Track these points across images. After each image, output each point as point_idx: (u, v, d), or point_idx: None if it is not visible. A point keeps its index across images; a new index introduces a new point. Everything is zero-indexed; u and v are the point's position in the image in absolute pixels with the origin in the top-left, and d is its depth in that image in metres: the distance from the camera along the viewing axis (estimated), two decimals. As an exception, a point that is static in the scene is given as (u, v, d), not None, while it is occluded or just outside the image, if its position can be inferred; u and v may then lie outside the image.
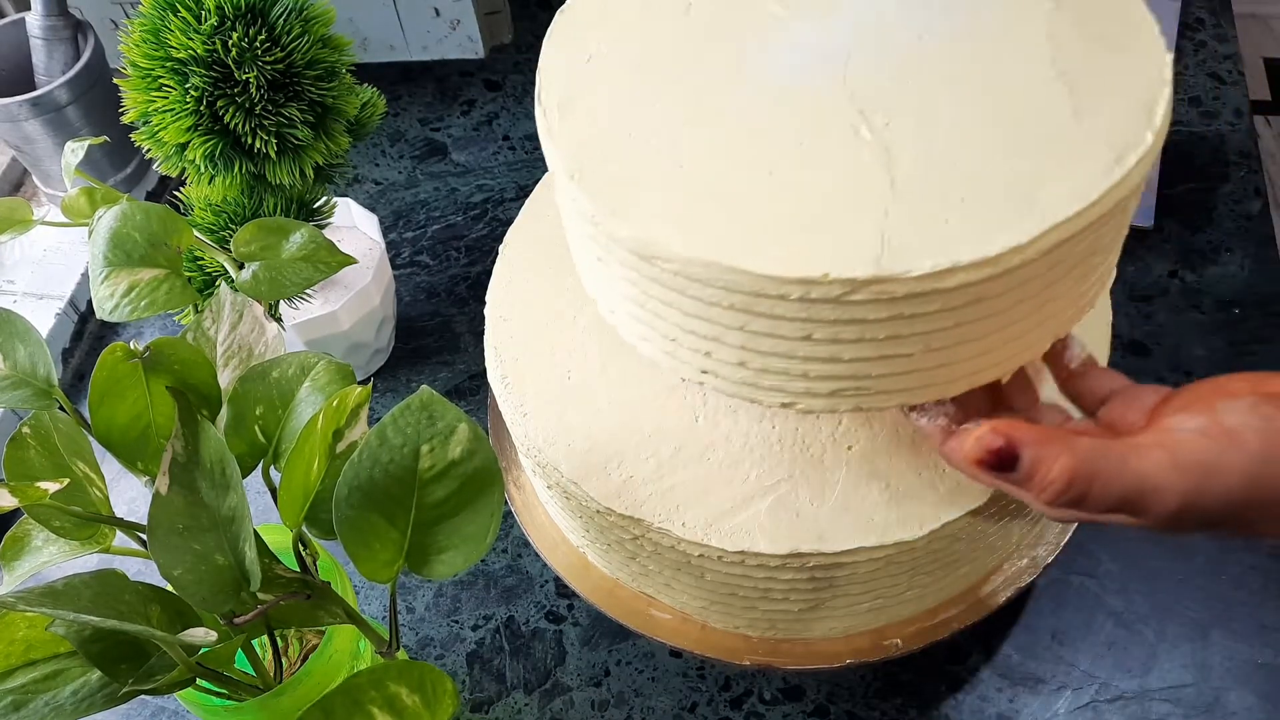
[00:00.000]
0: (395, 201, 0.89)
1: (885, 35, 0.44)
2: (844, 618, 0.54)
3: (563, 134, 0.43)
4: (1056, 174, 0.38)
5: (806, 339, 0.39)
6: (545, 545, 0.61)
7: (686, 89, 0.43)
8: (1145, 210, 0.79)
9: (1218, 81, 0.88)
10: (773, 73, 0.43)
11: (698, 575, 0.52)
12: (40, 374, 0.47)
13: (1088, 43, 0.42)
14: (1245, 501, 0.34)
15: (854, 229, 0.37)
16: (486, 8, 0.97)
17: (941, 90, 0.41)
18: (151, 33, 0.59)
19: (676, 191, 0.40)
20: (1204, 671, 0.60)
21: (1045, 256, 0.38)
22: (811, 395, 0.42)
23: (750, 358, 0.41)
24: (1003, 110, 0.41)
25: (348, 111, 0.65)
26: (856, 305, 0.37)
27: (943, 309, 0.38)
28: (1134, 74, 0.41)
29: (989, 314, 0.39)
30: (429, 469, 0.42)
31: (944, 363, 0.40)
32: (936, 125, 0.40)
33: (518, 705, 0.62)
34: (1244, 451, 0.34)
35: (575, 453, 0.52)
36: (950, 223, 0.37)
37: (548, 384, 0.55)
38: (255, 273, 0.54)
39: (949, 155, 0.39)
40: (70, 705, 0.39)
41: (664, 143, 0.41)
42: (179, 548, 0.39)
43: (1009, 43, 0.43)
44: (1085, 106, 0.40)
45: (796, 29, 0.44)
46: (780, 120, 0.41)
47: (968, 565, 0.54)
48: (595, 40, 0.46)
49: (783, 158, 0.40)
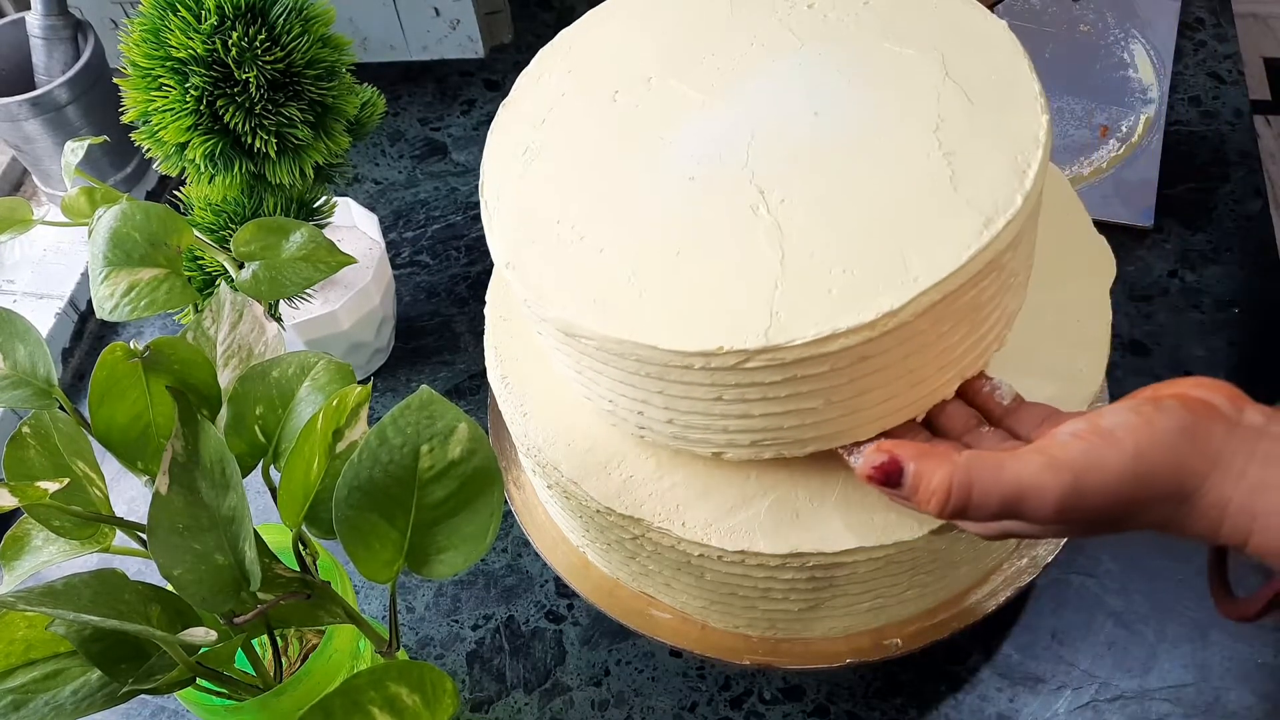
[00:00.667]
0: (395, 201, 0.89)
1: (786, 115, 0.48)
2: (844, 617, 0.54)
3: (499, 225, 0.48)
4: (930, 242, 0.42)
5: (718, 399, 0.44)
6: (545, 545, 0.61)
7: (608, 178, 0.48)
8: (1145, 210, 0.79)
9: (1218, 81, 0.88)
10: (685, 159, 0.47)
11: (698, 575, 0.52)
12: (40, 374, 0.47)
13: (971, 111, 0.46)
14: (1125, 497, 0.36)
15: (747, 303, 0.42)
16: (486, 8, 0.97)
17: (832, 168, 0.45)
18: (151, 32, 0.59)
19: (595, 276, 0.45)
20: (1204, 671, 0.60)
21: (922, 317, 0.41)
22: (735, 445, 0.47)
23: (676, 415, 0.46)
24: (886, 184, 0.44)
25: (348, 111, 0.65)
26: (753, 371, 0.42)
27: (833, 369, 0.42)
28: (1010, 138, 0.44)
29: (880, 368, 0.43)
30: (429, 469, 0.42)
31: (849, 411, 0.44)
32: (825, 202, 0.44)
33: (518, 705, 0.62)
34: (1118, 449, 0.36)
35: (575, 452, 0.52)
36: (832, 293, 0.41)
37: (548, 384, 0.55)
38: (255, 272, 0.54)
39: (835, 230, 0.43)
40: (70, 705, 0.39)
41: (586, 230, 0.46)
42: (179, 548, 0.39)
43: (899, 116, 0.46)
44: (962, 175, 0.44)
45: (709, 112, 0.49)
46: (689, 204, 0.46)
47: (967, 565, 0.54)
48: (530, 133, 0.51)
49: (688, 239, 0.45)
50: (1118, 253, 0.56)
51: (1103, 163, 0.82)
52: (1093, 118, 0.85)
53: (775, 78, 0.49)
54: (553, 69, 0.54)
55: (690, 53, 0.51)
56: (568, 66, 0.53)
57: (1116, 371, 0.71)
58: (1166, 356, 0.72)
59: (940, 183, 0.43)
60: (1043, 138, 0.44)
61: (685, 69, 0.51)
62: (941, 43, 0.48)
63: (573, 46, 0.54)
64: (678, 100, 0.50)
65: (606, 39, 0.54)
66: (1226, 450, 0.35)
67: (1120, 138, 0.83)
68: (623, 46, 0.53)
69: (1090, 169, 0.82)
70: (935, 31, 0.49)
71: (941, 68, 0.47)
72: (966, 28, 0.49)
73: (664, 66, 0.51)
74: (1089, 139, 0.84)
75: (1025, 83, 0.46)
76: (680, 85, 0.50)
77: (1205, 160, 0.83)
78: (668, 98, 0.50)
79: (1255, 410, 0.36)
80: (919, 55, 0.48)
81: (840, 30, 0.50)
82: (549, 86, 0.53)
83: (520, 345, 0.57)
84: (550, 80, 0.53)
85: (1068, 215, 0.57)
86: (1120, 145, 0.83)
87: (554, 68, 0.54)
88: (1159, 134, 0.84)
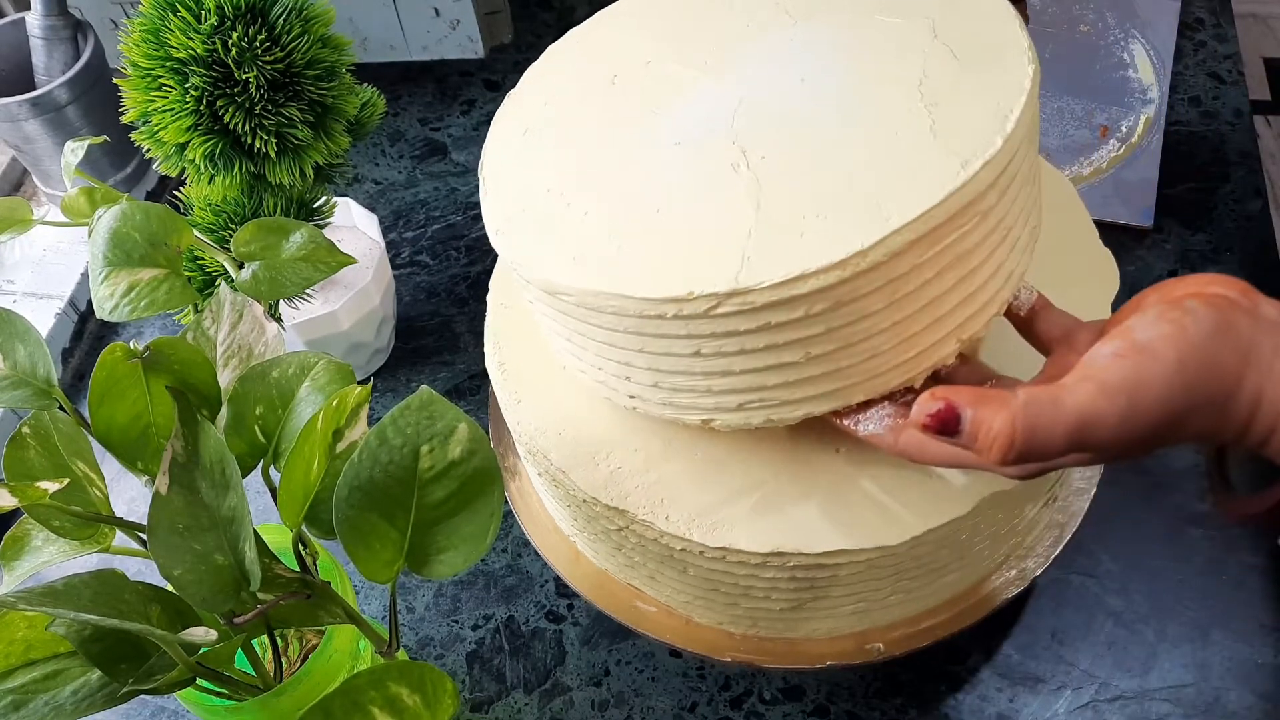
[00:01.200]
0: (395, 201, 0.89)
1: (774, 85, 0.48)
2: (827, 619, 0.54)
3: (493, 197, 0.49)
4: (905, 185, 0.41)
5: (697, 354, 0.43)
6: (545, 545, 0.61)
7: (600, 150, 0.49)
8: (1145, 210, 0.79)
9: (1218, 81, 0.88)
10: (674, 129, 0.48)
11: (681, 569, 0.52)
12: (40, 374, 0.47)
13: (958, 69, 0.45)
14: (1176, 409, 0.35)
15: (720, 251, 0.42)
16: (486, 8, 0.97)
17: (813, 126, 0.45)
18: (151, 32, 0.59)
19: (578, 236, 0.45)
20: (1204, 671, 0.60)
21: (898, 259, 0.40)
22: (722, 410, 0.46)
23: (661, 378, 0.46)
24: (865, 137, 0.44)
25: (348, 111, 0.65)
26: (726, 318, 0.41)
27: (807, 315, 0.41)
28: (994, 89, 0.44)
29: (858, 318, 0.42)
30: (429, 469, 0.42)
31: (832, 369, 0.43)
32: (805, 157, 0.44)
33: (518, 705, 0.62)
34: (1161, 361, 0.35)
35: (565, 441, 0.53)
36: (804, 236, 0.41)
37: (544, 372, 0.55)
38: (255, 273, 0.54)
39: (811, 180, 0.43)
40: (70, 705, 0.39)
41: (574, 197, 0.47)
42: (179, 548, 0.39)
43: (882, 77, 0.46)
44: (943, 124, 0.43)
45: (701, 87, 0.49)
46: (672, 168, 0.46)
47: (955, 574, 0.54)
48: (533, 117, 0.52)
49: (669, 198, 0.45)
50: (1118, 253, 0.56)
51: (1103, 163, 0.82)
52: (1093, 118, 0.85)
53: (767, 52, 0.49)
54: (559, 61, 0.55)
55: (690, 40, 0.52)
56: (573, 58, 0.54)
57: (1116, 371, 0.71)
58: (1166, 356, 0.72)
59: (921, 133, 0.43)
60: (1027, 85, 0.43)
61: (684, 53, 0.51)
62: (934, 12, 0.48)
63: (581, 41, 0.55)
64: (673, 80, 0.50)
65: (612, 34, 0.55)
66: (1255, 344, 0.35)
67: (1120, 138, 0.84)
68: (626, 39, 0.54)
69: (1090, 169, 0.82)
70: (929, 2, 0.48)
71: (931, 32, 0.47)
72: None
73: (663, 51, 0.52)
74: (1089, 139, 0.84)
75: (1014, 41, 0.45)
76: (676, 67, 0.51)
77: (1205, 160, 0.83)
78: (664, 78, 0.51)
79: (1268, 304, 0.37)
80: (908, 24, 0.48)
81: (834, 5, 0.50)
82: (554, 76, 0.54)
83: (520, 332, 0.57)
84: (555, 71, 0.54)
85: (1072, 222, 0.57)
86: (1120, 145, 0.83)
87: (560, 60, 0.55)
88: (1159, 134, 0.84)
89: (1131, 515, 0.65)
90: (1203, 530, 0.65)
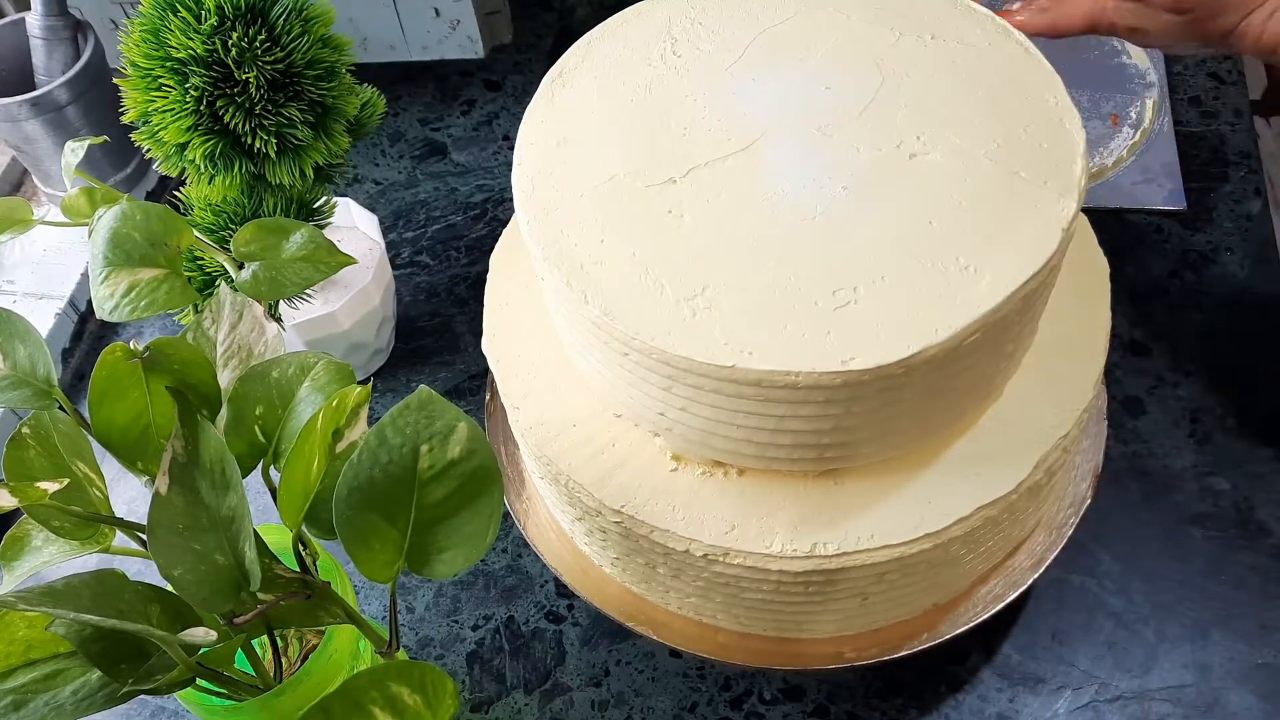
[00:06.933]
0: (395, 201, 0.89)
1: (806, 103, 0.49)
2: (840, 620, 0.54)
3: (530, 205, 0.49)
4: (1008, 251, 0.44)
5: (750, 414, 0.45)
6: (545, 545, 0.61)
7: (633, 172, 0.49)
8: (1175, 193, 0.80)
9: (1218, 81, 0.88)
10: (703, 152, 0.49)
11: (682, 569, 0.52)
12: (40, 374, 0.47)
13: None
14: None
15: (808, 323, 0.43)
16: (486, 8, 0.97)
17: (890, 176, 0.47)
18: (151, 33, 0.59)
19: (649, 284, 0.45)
20: (1204, 671, 0.60)
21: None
22: (749, 457, 0.48)
23: (703, 424, 0.47)
24: (943, 199, 0.46)
25: (348, 111, 0.65)
26: (809, 390, 0.43)
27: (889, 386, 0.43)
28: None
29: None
30: (428, 469, 0.42)
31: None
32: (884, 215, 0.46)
33: (518, 705, 0.62)
34: None
35: (569, 441, 0.53)
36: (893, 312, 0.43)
37: (546, 370, 0.55)
38: (255, 273, 0.54)
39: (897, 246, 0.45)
40: (70, 705, 0.39)
41: (606, 217, 0.47)
42: (179, 548, 0.39)
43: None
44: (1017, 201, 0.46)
45: (732, 100, 0.50)
46: (696, 195, 0.47)
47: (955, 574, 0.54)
48: (570, 127, 0.51)
49: (694, 220, 0.46)
50: (1119, 252, 0.56)
51: (1122, 151, 0.82)
52: (1100, 108, 0.85)
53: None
54: (598, 44, 0.55)
55: (746, 23, 0.53)
56: (614, 42, 0.55)
57: (1116, 371, 0.71)
58: (1166, 356, 0.72)
59: (998, 201, 0.45)
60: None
61: (736, 39, 0.52)
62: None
63: (625, 20, 0.56)
64: (722, 62, 0.52)
65: (654, 21, 0.55)
66: None
67: (1132, 124, 0.84)
68: (668, 26, 0.54)
69: (1112, 160, 0.82)
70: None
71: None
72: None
73: (709, 32, 0.53)
74: (1103, 129, 0.84)
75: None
76: (729, 46, 0.52)
77: (1205, 160, 0.83)
78: (693, 90, 0.51)
79: None
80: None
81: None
82: (594, 57, 0.54)
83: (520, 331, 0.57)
84: (594, 53, 0.55)
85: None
86: (1134, 132, 0.83)
87: (599, 44, 0.55)
88: (1167, 115, 0.84)
89: (1131, 515, 0.65)
90: (1203, 530, 0.65)
